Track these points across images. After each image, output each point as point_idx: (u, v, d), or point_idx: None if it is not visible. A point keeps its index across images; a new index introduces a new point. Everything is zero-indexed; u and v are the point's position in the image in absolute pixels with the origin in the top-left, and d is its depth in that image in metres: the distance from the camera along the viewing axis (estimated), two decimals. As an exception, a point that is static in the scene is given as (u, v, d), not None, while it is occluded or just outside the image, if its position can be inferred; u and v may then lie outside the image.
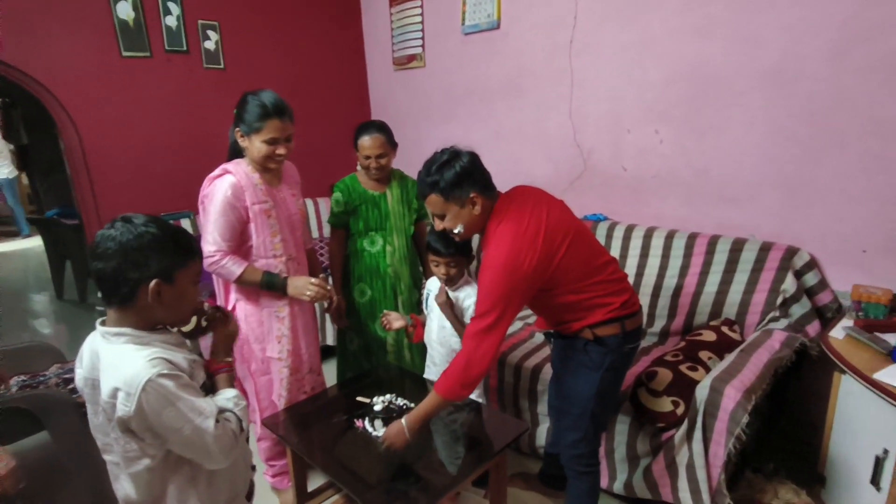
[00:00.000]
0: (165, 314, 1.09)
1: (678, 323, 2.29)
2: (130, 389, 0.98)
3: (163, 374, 1.00)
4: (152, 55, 3.11)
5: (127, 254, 1.00)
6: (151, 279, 1.02)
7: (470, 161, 1.47)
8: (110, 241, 1.01)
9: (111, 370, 1.02)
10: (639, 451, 1.86)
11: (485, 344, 1.40)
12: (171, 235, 1.06)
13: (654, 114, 2.45)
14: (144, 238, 1.02)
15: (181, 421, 1.01)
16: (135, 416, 0.99)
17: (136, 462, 1.08)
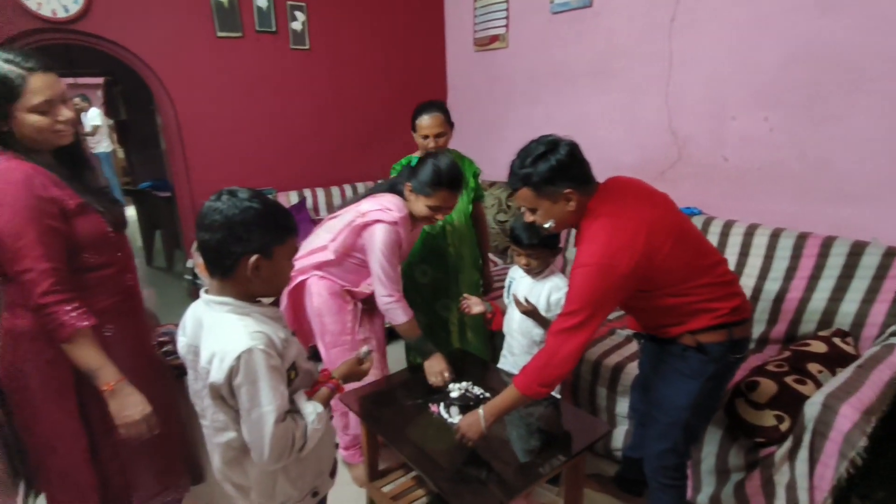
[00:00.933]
0: (261, 287, 1.11)
1: (779, 330, 2.10)
2: (226, 356, 1.01)
3: (260, 349, 1.02)
4: (244, 35, 3.20)
5: (231, 227, 1.03)
6: (252, 254, 1.04)
7: (568, 154, 1.35)
8: (216, 213, 1.04)
9: (212, 336, 1.05)
10: (731, 464, 1.72)
11: (569, 344, 1.32)
12: (272, 212, 1.08)
13: (764, 99, 2.24)
14: (248, 213, 1.03)
15: (252, 402, 1.02)
16: (224, 383, 1.02)
17: (222, 433, 1.11)
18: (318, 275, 1.90)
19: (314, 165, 3.65)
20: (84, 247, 1.33)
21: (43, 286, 1.21)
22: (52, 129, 1.27)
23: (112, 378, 1.29)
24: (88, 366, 1.27)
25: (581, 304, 1.31)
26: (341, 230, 1.83)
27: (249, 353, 1.00)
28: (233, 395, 1.04)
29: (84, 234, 1.33)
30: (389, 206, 1.79)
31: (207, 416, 1.12)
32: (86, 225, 1.33)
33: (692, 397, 1.42)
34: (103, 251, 1.39)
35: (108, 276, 1.41)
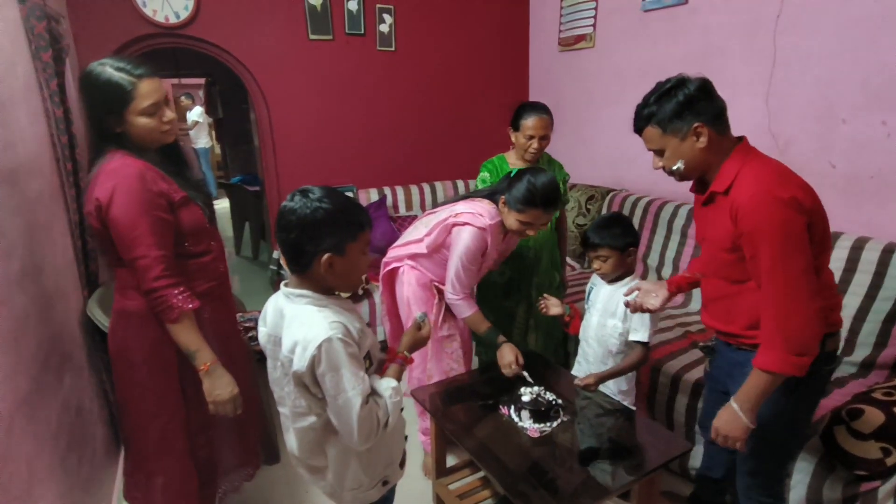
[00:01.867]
0: (337, 282, 1.15)
1: (889, 354, 1.90)
2: (308, 345, 1.05)
3: (339, 339, 1.06)
4: (334, 38, 3.34)
5: (304, 228, 1.08)
6: (325, 252, 1.08)
7: (698, 88, 1.24)
8: (291, 213, 1.09)
9: (294, 326, 1.10)
10: (825, 497, 1.58)
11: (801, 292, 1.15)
12: (342, 210, 1.11)
13: (882, 100, 2.03)
14: (318, 213, 1.07)
15: (337, 389, 1.06)
16: (307, 371, 1.06)
17: (303, 418, 1.16)
18: (411, 264, 2.00)
19: (394, 164, 3.75)
20: (186, 236, 1.46)
21: (155, 271, 1.33)
22: (160, 129, 1.41)
23: (209, 359, 1.40)
24: (189, 346, 1.39)
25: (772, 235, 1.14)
26: (436, 226, 1.91)
27: (329, 342, 1.05)
28: (315, 382, 1.09)
29: (187, 224, 1.45)
30: (482, 211, 1.84)
31: (287, 403, 1.17)
32: (188, 216, 1.45)
33: (783, 414, 1.32)
34: (202, 240, 1.51)
35: (206, 263, 1.53)
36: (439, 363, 2.03)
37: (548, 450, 1.52)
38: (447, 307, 2.04)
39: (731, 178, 1.24)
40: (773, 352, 1.17)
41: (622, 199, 3.13)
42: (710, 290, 1.44)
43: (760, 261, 1.17)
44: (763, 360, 1.19)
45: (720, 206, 1.27)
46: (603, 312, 1.77)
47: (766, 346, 1.19)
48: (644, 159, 3.08)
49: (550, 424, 1.60)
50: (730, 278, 1.33)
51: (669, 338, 2.26)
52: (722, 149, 1.27)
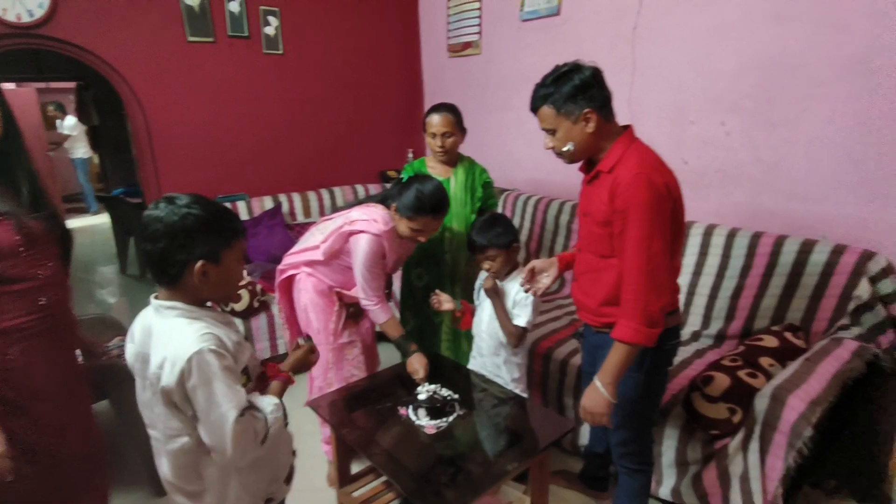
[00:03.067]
0: (211, 292, 1.10)
1: (736, 326, 2.18)
2: (176, 360, 0.99)
3: (211, 350, 1.01)
4: (216, 40, 3.21)
5: (174, 236, 1.01)
6: (197, 260, 1.03)
7: (591, 76, 1.35)
8: (157, 222, 1.02)
9: (162, 341, 1.04)
10: (689, 457, 1.79)
11: (658, 272, 1.29)
12: (214, 216, 1.06)
13: (722, 104, 2.32)
14: (188, 220, 1.02)
15: (209, 403, 1.01)
16: (176, 387, 1.00)
17: (175, 440, 1.08)
18: (307, 271, 1.99)
19: (289, 170, 3.66)
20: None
21: None
22: None
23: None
24: None
25: (642, 214, 1.27)
26: (332, 233, 1.91)
27: (200, 354, 0.99)
28: (185, 399, 1.03)
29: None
30: (377, 217, 1.86)
31: (159, 425, 1.10)
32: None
33: (640, 388, 1.47)
34: (14, 265, 1.22)
35: (17, 292, 1.23)
36: (340, 371, 2.03)
37: (446, 444, 1.57)
38: (348, 313, 2.04)
39: (616, 160, 1.37)
40: (631, 322, 1.30)
41: (514, 198, 3.29)
42: (581, 264, 1.57)
43: (628, 235, 1.30)
44: (621, 332, 1.32)
45: (602, 184, 1.39)
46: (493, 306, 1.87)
47: (625, 318, 1.32)
48: (530, 161, 3.29)
49: (447, 420, 1.66)
50: (599, 252, 1.46)
51: (557, 326, 2.43)
52: (608, 134, 1.40)
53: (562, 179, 3.05)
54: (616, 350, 1.34)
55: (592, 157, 1.45)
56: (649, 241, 1.28)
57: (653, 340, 1.31)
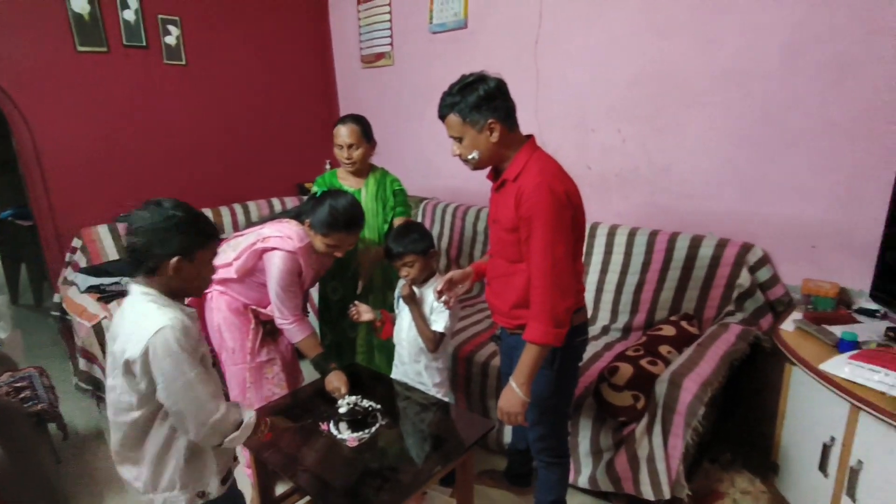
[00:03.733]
0: (182, 285, 1.23)
1: (640, 319, 2.34)
2: (144, 332, 1.12)
3: (179, 328, 1.14)
4: (109, 50, 3.03)
5: (156, 232, 1.16)
6: (174, 256, 1.17)
7: (496, 87, 1.40)
8: (142, 220, 1.17)
9: (132, 318, 1.17)
10: (602, 445, 1.90)
11: (562, 276, 1.36)
12: (194, 219, 1.22)
13: (617, 113, 2.50)
14: (172, 220, 1.17)
15: (177, 371, 1.13)
16: (139, 358, 1.11)
17: (127, 413, 1.20)
18: (220, 290, 1.92)
19: (200, 185, 3.51)
20: None
21: None
22: None
23: None
24: None
25: (545, 220, 1.33)
26: (244, 250, 1.85)
27: (167, 329, 1.12)
28: (146, 372, 1.13)
29: None
30: (290, 234, 1.83)
31: (112, 396, 1.20)
32: None
33: (552, 385, 1.54)
34: None
35: None
36: (259, 390, 1.97)
37: (369, 456, 1.57)
38: (265, 331, 1.99)
39: (520, 169, 1.42)
40: (539, 325, 1.37)
41: (433, 206, 3.34)
42: (493, 269, 1.63)
43: (533, 241, 1.37)
44: (531, 334, 1.39)
45: (508, 192, 1.44)
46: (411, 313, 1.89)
47: (534, 320, 1.39)
48: (447, 169, 3.36)
49: (369, 431, 1.65)
50: (508, 258, 1.52)
51: (478, 330, 2.49)
52: (512, 144, 1.46)
53: (479, 187, 3.12)
54: (527, 351, 1.40)
55: (498, 166, 1.51)
56: (553, 247, 1.35)
57: (560, 340, 1.38)
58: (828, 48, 1.90)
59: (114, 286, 2.76)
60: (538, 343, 1.38)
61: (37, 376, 2.19)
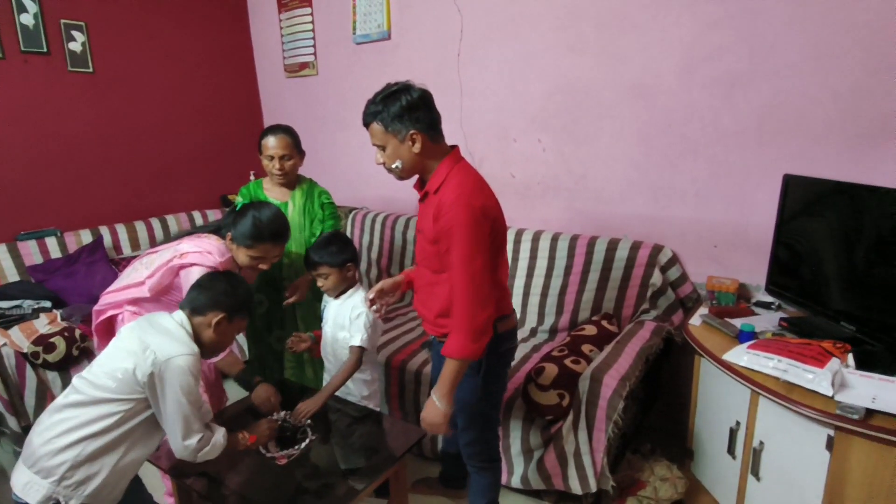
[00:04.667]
0: (210, 339, 1.42)
1: (565, 320, 2.44)
2: (173, 349, 1.29)
3: (196, 362, 1.32)
4: (5, 56, 2.80)
5: (220, 291, 1.44)
6: (219, 312, 1.41)
7: (419, 97, 1.39)
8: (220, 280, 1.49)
9: (167, 333, 1.33)
10: (532, 444, 1.95)
11: (481, 287, 1.38)
12: (247, 294, 1.51)
13: (536, 124, 2.61)
14: (240, 289, 1.49)
15: (181, 393, 1.28)
16: (160, 365, 1.26)
17: (92, 392, 1.28)
18: (132, 310, 1.79)
19: (112, 199, 3.29)
20: None
21: None
22: None
23: None
24: None
25: (462, 235, 1.35)
26: (159, 268, 1.74)
27: (191, 358, 1.30)
28: (150, 386, 1.27)
29: None
30: (210, 249, 1.75)
31: (99, 369, 1.30)
32: None
33: (476, 392, 1.56)
34: None
35: None
36: None
37: (300, 473, 1.53)
38: None
39: (441, 181, 1.43)
40: (458, 337, 1.39)
41: (363, 216, 3.32)
42: (419, 278, 1.64)
43: (452, 255, 1.39)
44: (449, 348, 1.40)
45: (430, 204, 1.45)
46: (333, 326, 1.87)
47: (454, 333, 1.40)
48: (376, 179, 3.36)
49: (298, 447, 1.62)
50: (432, 268, 1.53)
51: (410, 339, 2.50)
52: (435, 155, 1.45)
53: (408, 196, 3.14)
54: (447, 364, 1.41)
55: (423, 177, 1.53)
56: (471, 260, 1.37)
57: (478, 354, 1.40)
58: (718, 65, 2.09)
59: (14, 310, 2.54)
60: (456, 358, 1.40)
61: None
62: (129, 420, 1.30)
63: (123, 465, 1.32)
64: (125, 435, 1.30)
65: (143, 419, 1.32)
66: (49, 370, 2.35)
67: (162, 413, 1.31)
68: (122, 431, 1.29)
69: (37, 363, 2.31)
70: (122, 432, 1.29)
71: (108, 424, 1.26)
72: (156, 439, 1.40)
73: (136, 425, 1.31)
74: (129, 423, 1.30)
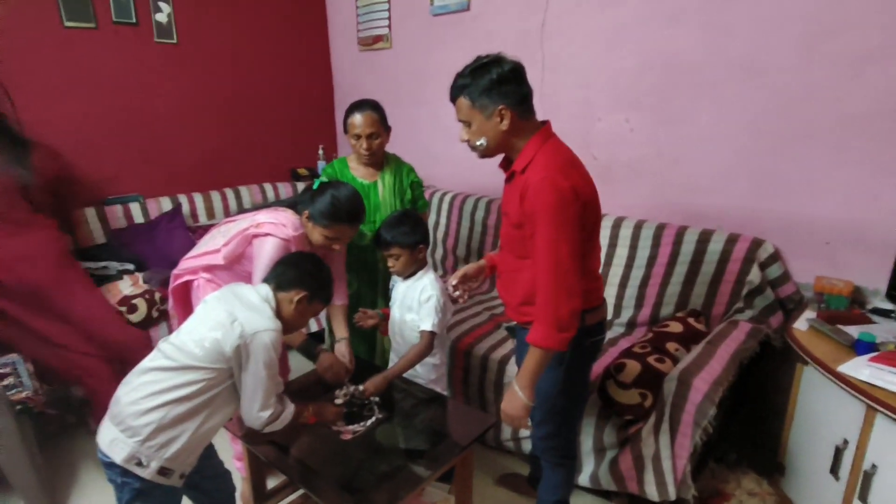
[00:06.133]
0: (288, 317, 1.45)
1: (645, 314, 2.28)
2: (259, 323, 1.33)
3: (278, 337, 1.36)
4: (98, 26, 2.89)
5: (306, 271, 1.50)
6: (304, 291, 1.46)
7: (510, 71, 1.31)
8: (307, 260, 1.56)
9: (253, 308, 1.37)
10: (605, 443, 1.84)
11: (566, 276, 1.26)
12: (328, 282, 1.56)
13: (625, 102, 2.42)
14: (324, 273, 1.55)
15: (261, 366, 1.32)
16: (247, 338, 1.30)
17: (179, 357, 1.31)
18: (206, 277, 1.82)
19: (189, 169, 3.39)
20: None
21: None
22: None
23: None
24: None
25: (548, 218, 1.25)
26: (235, 236, 1.75)
27: (275, 333, 1.34)
28: (234, 357, 1.30)
29: None
30: (285, 221, 1.73)
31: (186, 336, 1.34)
32: None
33: (559, 384, 1.47)
34: None
35: None
36: None
37: (365, 449, 1.52)
38: None
39: (528, 161, 1.33)
40: (542, 327, 1.29)
41: (430, 195, 3.26)
42: (502, 262, 1.56)
43: (537, 240, 1.29)
44: (534, 336, 1.31)
45: (516, 184, 1.36)
46: (401, 307, 1.82)
47: (537, 322, 1.31)
48: (447, 156, 3.27)
49: (364, 424, 1.60)
50: (516, 253, 1.44)
51: (478, 322, 2.42)
52: (524, 132, 1.36)
53: (480, 175, 3.05)
54: (531, 353, 1.33)
55: (509, 155, 1.43)
56: (556, 246, 1.26)
57: (564, 345, 1.30)
58: (845, 40, 1.83)
59: (101, 270, 2.66)
60: (540, 346, 1.31)
61: (21, 362, 2.10)
62: (211, 388, 1.32)
63: (202, 432, 1.34)
64: (206, 402, 1.32)
65: (224, 388, 1.35)
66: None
67: (241, 383, 1.35)
68: (204, 399, 1.32)
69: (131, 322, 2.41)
70: (204, 400, 1.32)
71: (191, 391, 1.29)
72: (233, 408, 1.41)
73: (216, 394, 1.34)
74: (211, 391, 1.32)
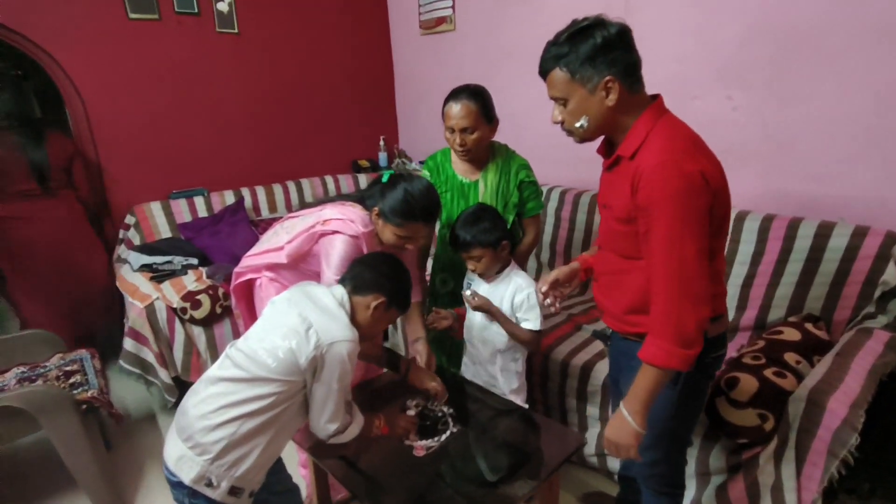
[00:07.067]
0: (364, 321, 1.34)
1: (749, 317, 2.01)
2: (336, 333, 1.22)
3: (355, 349, 1.25)
4: (161, 18, 2.88)
5: (383, 274, 1.37)
6: (382, 297, 1.34)
7: (617, 34, 1.08)
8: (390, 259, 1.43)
9: (320, 313, 1.26)
10: (711, 467, 1.61)
11: (692, 281, 1.05)
12: (407, 288, 1.43)
13: (727, 77, 2.14)
14: (404, 276, 1.41)
15: (334, 378, 1.23)
16: (323, 348, 1.20)
17: (251, 368, 1.21)
18: (269, 276, 1.70)
19: (251, 162, 3.36)
20: None
21: None
22: None
23: None
24: None
25: (670, 211, 1.03)
26: (300, 233, 1.61)
27: (352, 345, 1.24)
28: (310, 368, 1.20)
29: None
30: (354, 217, 1.56)
31: (258, 343, 1.24)
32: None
33: (673, 407, 1.25)
34: None
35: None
36: None
37: (437, 468, 1.37)
38: None
39: (639, 142, 1.11)
40: (661, 342, 1.08)
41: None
42: (602, 263, 1.34)
43: (654, 236, 1.07)
44: (649, 352, 1.10)
45: (623, 172, 1.14)
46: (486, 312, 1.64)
47: (654, 335, 1.10)
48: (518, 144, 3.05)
49: (438, 439, 1.45)
50: (621, 252, 1.23)
51: (555, 322, 2.23)
52: (633, 108, 1.13)
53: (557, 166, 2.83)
54: (644, 373, 1.11)
55: (612, 138, 1.21)
56: (680, 244, 1.04)
57: (689, 364, 1.08)
58: None
59: (166, 265, 2.65)
60: (659, 367, 1.09)
61: (88, 359, 2.09)
62: (283, 402, 1.22)
63: (272, 448, 1.25)
64: (277, 416, 1.22)
65: (296, 401, 1.26)
66: (195, 325, 2.41)
67: (311, 393, 1.26)
68: (276, 413, 1.21)
69: (184, 318, 2.38)
70: (275, 414, 1.21)
71: (264, 405, 1.19)
72: (303, 420, 1.31)
73: (288, 407, 1.24)
74: (283, 404, 1.22)
